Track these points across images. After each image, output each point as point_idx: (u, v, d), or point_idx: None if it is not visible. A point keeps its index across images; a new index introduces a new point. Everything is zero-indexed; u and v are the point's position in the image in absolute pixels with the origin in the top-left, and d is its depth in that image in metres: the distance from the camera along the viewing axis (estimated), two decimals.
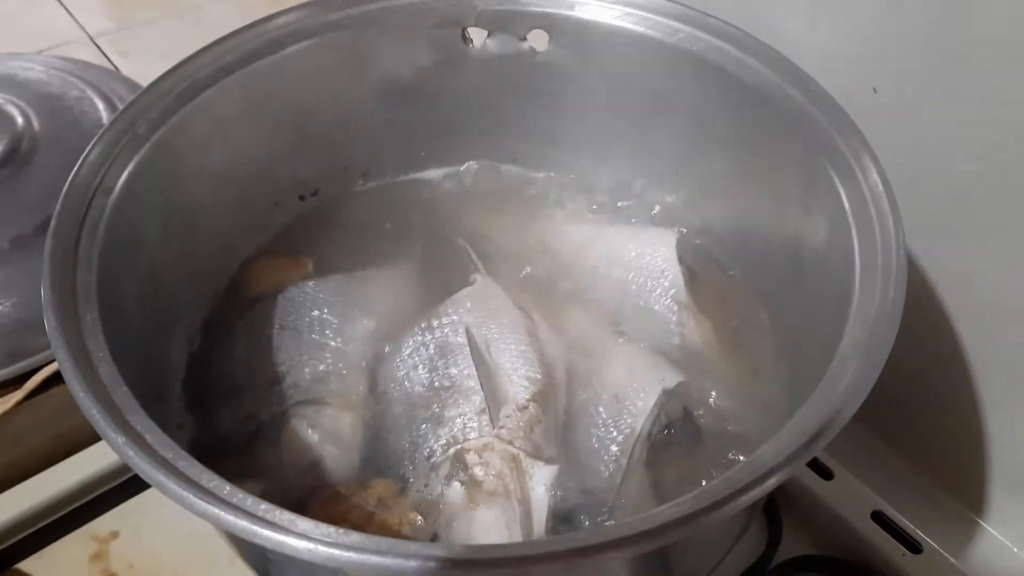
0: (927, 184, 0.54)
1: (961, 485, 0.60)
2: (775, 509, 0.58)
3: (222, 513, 0.34)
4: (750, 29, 0.54)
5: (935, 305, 0.57)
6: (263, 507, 0.34)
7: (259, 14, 0.57)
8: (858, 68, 0.55)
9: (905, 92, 0.54)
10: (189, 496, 0.34)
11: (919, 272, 0.57)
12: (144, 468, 0.35)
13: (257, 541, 0.33)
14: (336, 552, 0.32)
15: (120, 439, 0.36)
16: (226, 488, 0.35)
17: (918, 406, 0.61)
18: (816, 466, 0.61)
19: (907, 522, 0.58)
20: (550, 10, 0.59)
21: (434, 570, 0.32)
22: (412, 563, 0.32)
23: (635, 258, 0.59)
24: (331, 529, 0.33)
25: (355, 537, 0.33)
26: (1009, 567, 0.58)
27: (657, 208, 0.64)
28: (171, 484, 0.35)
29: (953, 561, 0.57)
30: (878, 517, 0.58)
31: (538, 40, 0.61)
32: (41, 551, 0.58)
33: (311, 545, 0.33)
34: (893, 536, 0.58)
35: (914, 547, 0.57)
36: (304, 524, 0.33)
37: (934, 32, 0.50)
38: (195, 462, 0.36)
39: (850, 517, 0.58)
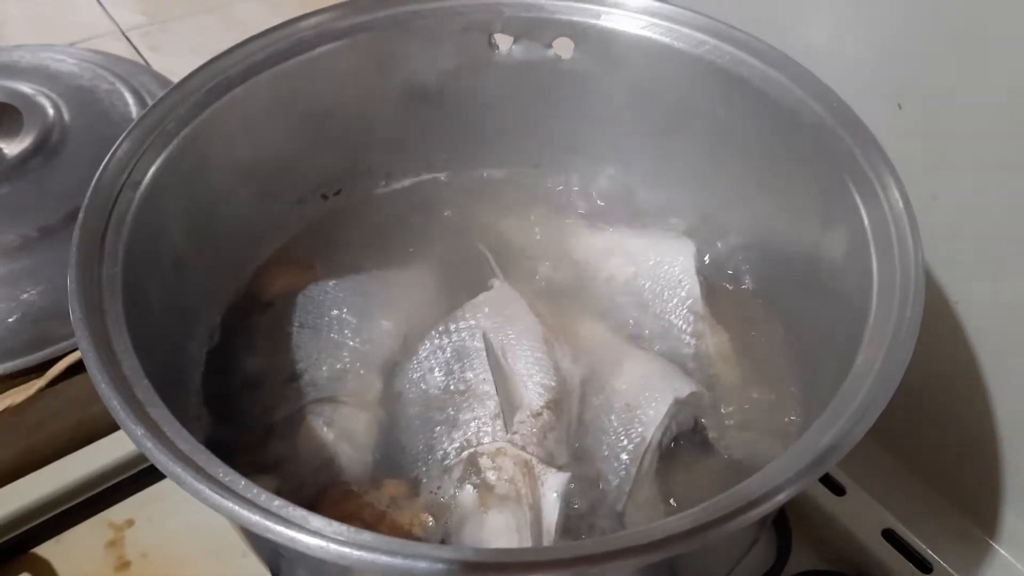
0: (951, 201, 0.54)
1: (974, 505, 0.60)
2: (785, 523, 0.58)
3: (236, 507, 0.34)
4: (776, 43, 0.54)
5: (953, 324, 0.56)
6: (277, 503, 0.34)
7: (288, 12, 0.57)
8: (884, 84, 0.55)
9: (931, 109, 0.54)
10: (205, 489, 0.35)
11: (938, 290, 0.56)
12: (161, 460, 0.36)
13: (270, 536, 0.33)
14: (347, 550, 0.33)
15: (139, 431, 0.37)
16: (241, 483, 0.35)
17: (933, 425, 0.61)
18: (828, 482, 0.61)
19: (918, 541, 0.58)
20: (576, 19, 0.59)
21: (442, 572, 0.32)
22: (421, 564, 0.32)
23: (653, 267, 0.59)
24: (343, 527, 0.33)
25: (366, 536, 0.33)
26: None
27: (676, 218, 0.64)
28: (187, 477, 0.35)
29: None
30: (889, 535, 0.58)
31: (564, 48, 0.61)
32: (58, 537, 0.59)
33: (323, 543, 0.33)
34: (904, 555, 0.57)
35: (925, 566, 0.57)
36: (317, 521, 0.34)
37: (961, 49, 0.50)
38: (212, 456, 0.36)
39: (861, 534, 0.58)
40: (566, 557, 0.33)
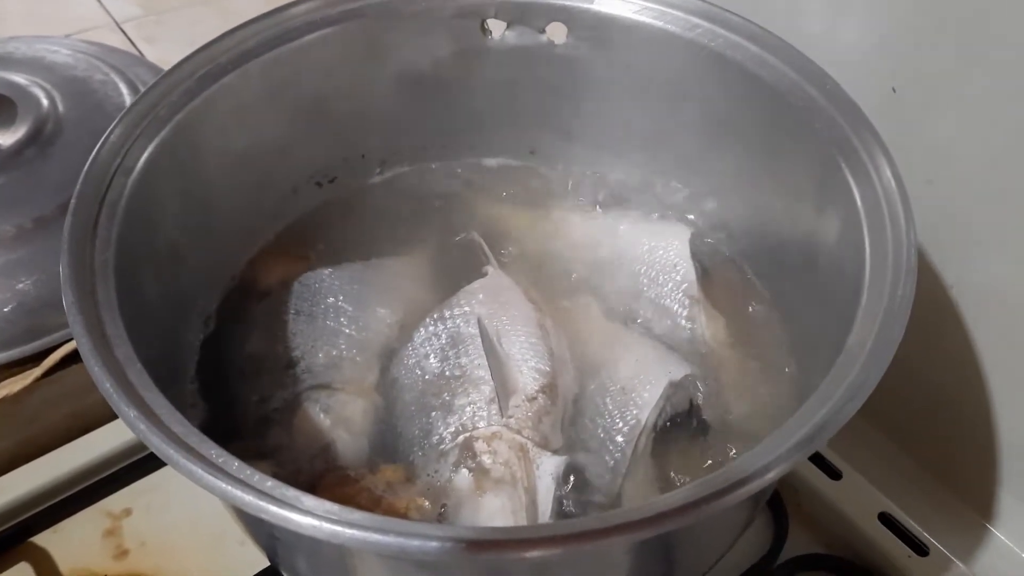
0: (946, 186, 0.54)
1: (970, 488, 0.60)
2: (782, 507, 0.58)
3: (229, 488, 0.34)
4: (770, 26, 0.54)
5: (950, 307, 0.56)
6: (270, 483, 0.34)
7: (282, 2, 0.57)
8: (878, 68, 0.55)
9: (925, 93, 0.53)
10: (198, 470, 0.35)
11: (934, 274, 0.56)
12: (155, 442, 0.36)
13: (263, 516, 0.34)
14: (340, 529, 0.33)
15: (132, 413, 0.37)
16: (234, 464, 0.35)
17: (929, 408, 0.61)
18: (824, 466, 0.61)
19: (914, 524, 0.58)
20: (569, 3, 0.59)
21: (436, 550, 0.33)
22: (414, 542, 0.32)
23: (648, 252, 0.59)
24: (335, 507, 0.33)
25: (359, 515, 0.33)
26: (1016, 572, 0.58)
27: (671, 202, 0.64)
28: (181, 458, 0.35)
29: (960, 564, 0.57)
30: (885, 518, 0.58)
31: (557, 33, 0.61)
32: (56, 526, 0.59)
33: (315, 522, 0.33)
34: (900, 538, 0.58)
35: (921, 549, 0.57)
36: (309, 501, 0.34)
37: (956, 33, 0.50)
38: (205, 438, 0.36)
39: (857, 518, 0.58)
40: (560, 534, 0.33)
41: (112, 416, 0.62)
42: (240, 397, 0.54)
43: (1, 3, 1.10)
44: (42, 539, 0.59)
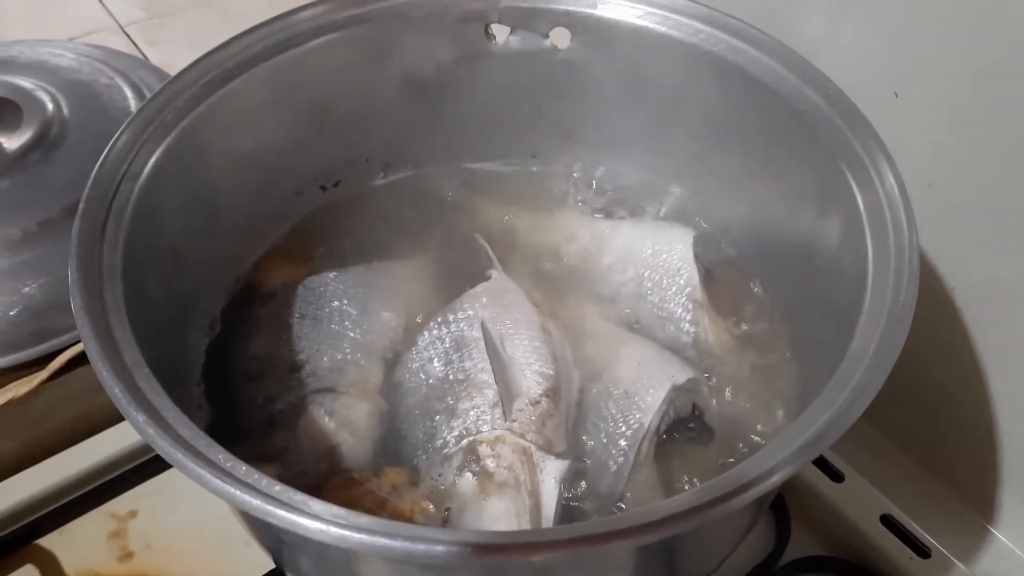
0: (947, 188, 0.54)
1: (972, 490, 0.60)
2: (783, 508, 0.59)
3: (237, 492, 0.34)
4: (771, 31, 0.54)
5: (951, 311, 0.56)
6: (277, 488, 0.35)
7: (286, 5, 0.58)
8: (880, 72, 0.55)
9: (927, 97, 0.54)
10: (206, 475, 0.35)
11: (936, 278, 0.56)
12: (163, 446, 0.36)
13: (271, 520, 0.34)
14: (348, 533, 0.33)
15: (141, 417, 0.37)
16: (242, 468, 0.35)
17: (931, 410, 0.61)
18: (826, 468, 0.61)
19: (916, 526, 0.58)
20: (573, 8, 0.59)
21: (442, 554, 0.33)
22: (420, 547, 0.33)
23: (651, 256, 0.59)
24: (343, 511, 0.34)
25: (366, 519, 0.33)
26: (1017, 573, 0.58)
27: (674, 206, 0.64)
28: (188, 463, 0.35)
29: (962, 566, 0.57)
30: (887, 520, 0.58)
31: (560, 38, 0.61)
32: (61, 528, 0.59)
33: (323, 526, 0.33)
34: (902, 540, 0.58)
35: (923, 551, 0.57)
36: (317, 506, 0.34)
37: (957, 37, 0.50)
38: (212, 442, 0.37)
39: (859, 519, 0.58)
40: (564, 538, 0.33)
41: (118, 418, 0.62)
42: (245, 399, 0.54)
43: (3, 6, 1.10)
44: (48, 541, 0.59)
